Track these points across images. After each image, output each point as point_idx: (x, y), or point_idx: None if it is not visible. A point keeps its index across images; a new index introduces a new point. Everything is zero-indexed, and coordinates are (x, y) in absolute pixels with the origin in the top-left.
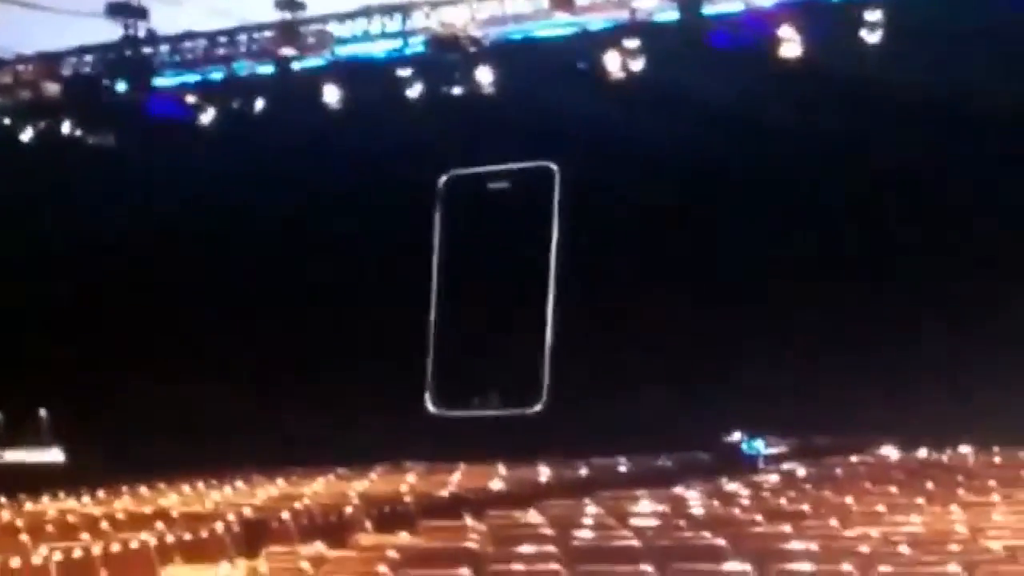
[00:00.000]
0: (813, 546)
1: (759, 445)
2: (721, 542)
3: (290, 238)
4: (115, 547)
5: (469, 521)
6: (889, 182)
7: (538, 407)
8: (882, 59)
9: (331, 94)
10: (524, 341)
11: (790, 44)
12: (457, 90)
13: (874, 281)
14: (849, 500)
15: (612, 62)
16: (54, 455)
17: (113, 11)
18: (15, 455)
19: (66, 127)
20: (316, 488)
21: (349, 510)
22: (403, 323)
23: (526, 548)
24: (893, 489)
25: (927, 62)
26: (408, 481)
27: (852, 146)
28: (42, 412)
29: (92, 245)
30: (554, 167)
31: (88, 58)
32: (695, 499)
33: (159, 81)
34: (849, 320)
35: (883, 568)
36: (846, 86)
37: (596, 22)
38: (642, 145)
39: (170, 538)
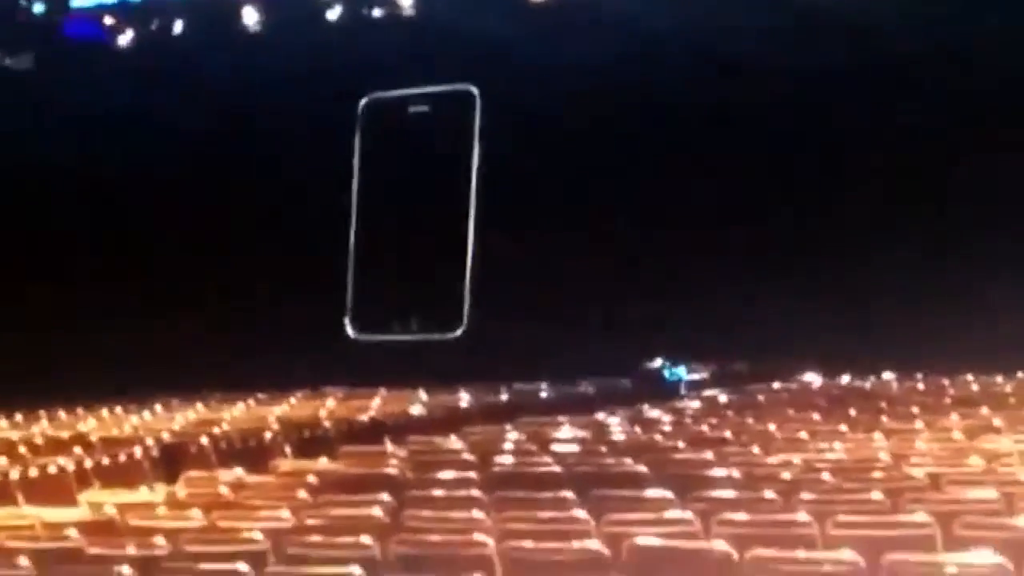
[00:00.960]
0: (735, 473)
1: (681, 371)
2: (643, 469)
3: (209, 162)
4: (33, 472)
5: (389, 447)
6: (802, 106)
7: (459, 332)
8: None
9: (250, 16)
10: (445, 266)
11: None
12: (377, 12)
13: (795, 205)
14: (771, 427)
15: None
16: None
17: None
18: None
19: None
20: (235, 413)
21: (268, 435)
22: (323, 247)
23: (446, 474)
24: (816, 416)
25: None
26: (328, 407)
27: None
28: None
29: (8, 167)
30: (475, 91)
31: None
32: (616, 425)
33: (76, 1)
34: (772, 245)
35: (805, 495)
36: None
37: None
38: (563, 69)
39: (88, 463)
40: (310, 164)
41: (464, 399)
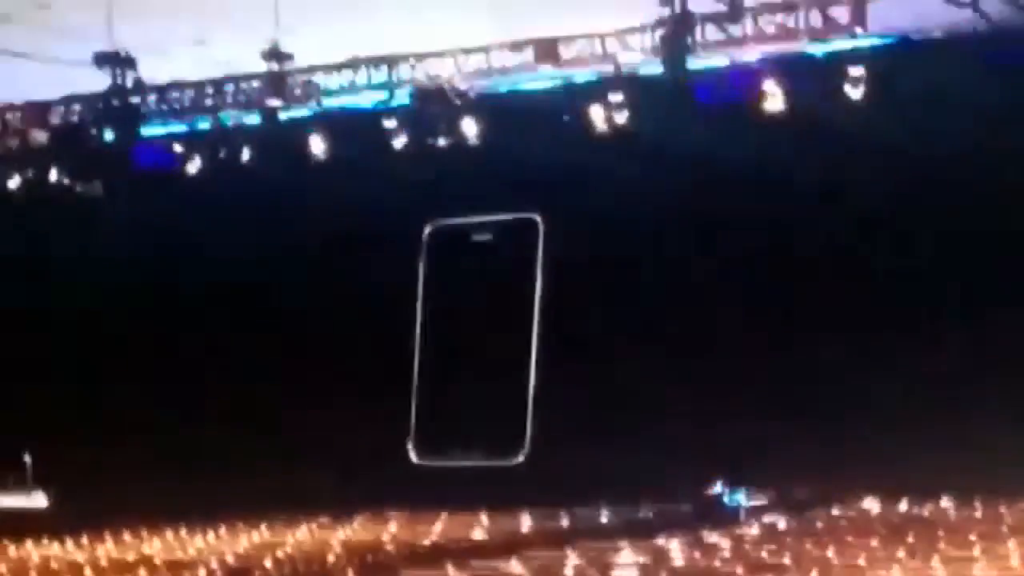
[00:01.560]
0: None
1: (740, 497)
2: None
3: (275, 288)
4: None
5: (451, 571)
6: (869, 232)
7: (520, 458)
8: (864, 114)
9: (317, 144)
10: (507, 392)
11: (774, 98)
12: (442, 141)
13: (851, 332)
14: (830, 553)
15: (597, 115)
16: (38, 500)
17: (101, 61)
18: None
19: (53, 175)
20: (298, 536)
21: (331, 559)
22: (387, 373)
23: None
24: (874, 543)
25: (908, 118)
26: (390, 530)
27: (834, 197)
28: (26, 457)
29: (78, 295)
30: (538, 219)
31: (76, 107)
32: (676, 551)
33: (146, 130)
34: (830, 373)
35: None
36: (829, 140)
37: (581, 75)
38: (626, 198)
39: None
40: (374, 290)
41: (525, 523)
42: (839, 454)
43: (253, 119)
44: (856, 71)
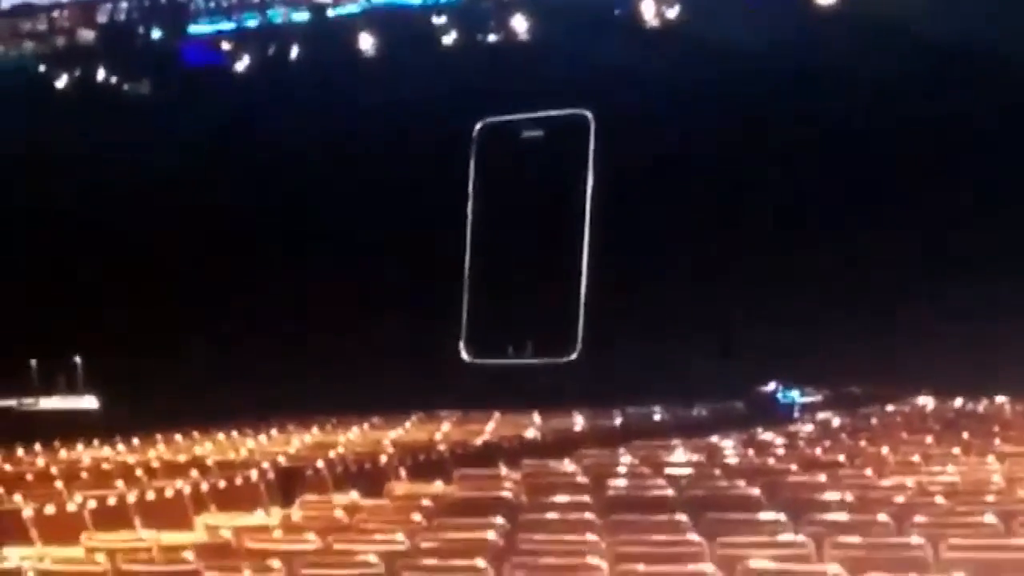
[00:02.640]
0: (848, 496)
1: (795, 395)
2: (756, 492)
3: (325, 185)
4: (150, 495)
5: (503, 470)
6: (924, 130)
7: (573, 356)
8: (919, 5)
9: (365, 41)
10: (559, 290)
11: None
12: (492, 38)
13: (911, 230)
14: (885, 450)
15: (648, 10)
16: (89, 402)
17: None
18: (50, 403)
19: (101, 74)
20: (350, 437)
21: (383, 459)
22: (438, 271)
23: (560, 497)
24: (929, 439)
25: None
26: (442, 430)
27: (887, 93)
28: (77, 359)
29: (127, 193)
30: (589, 115)
31: (123, 5)
32: (730, 448)
33: (194, 28)
34: (886, 269)
35: (919, 518)
36: (882, 33)
37: None
38: (677, 93)
39: (205, 486)
40: (425, 188)
41: (578, 423)
42: (894, 352)
43: (302, 16)
44: None
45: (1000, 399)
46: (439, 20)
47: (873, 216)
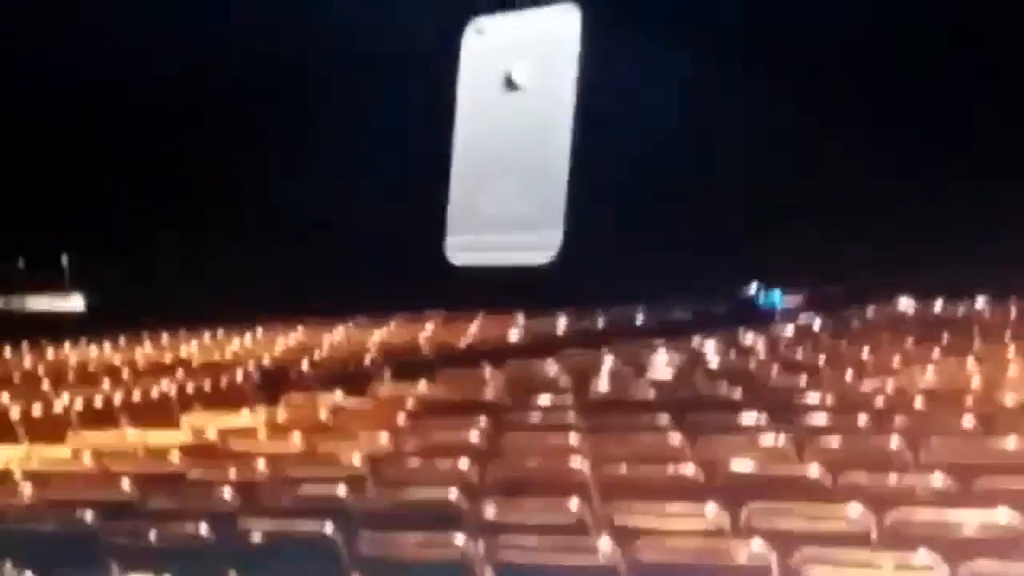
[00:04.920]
0: (829, 398)
1: (775, 296)
2: (737, 394)
3: (303, 88)
4: (136, 395)
5: (487, 371)
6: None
7: (554, 256)
8: None
9: None
10: (540, 189)
11: None
12: None
13: (883, 128)
14: (865, 354)
15: None
16: (75, 302)
17: None
18: (37, 302)
19: None
20: (335, 338)
21: (367, 360)
22: (422, 170)
23: (543, 399)
24: (909, 343)
25: None
26: (426, 331)
27: None
28: (63, 259)
29: (106, 83)
30: (576, 10)
31: None
32: (712, 351)
33: None
34: (865, 171)
35: (898, 420)
36: None
37: None
38: None
39: (190, 386)
40: (410, 88)
41: (561, 325)
42: (873, 254)
43: None
44: None
45: (980, 302)
46: None
47: (853, 115)
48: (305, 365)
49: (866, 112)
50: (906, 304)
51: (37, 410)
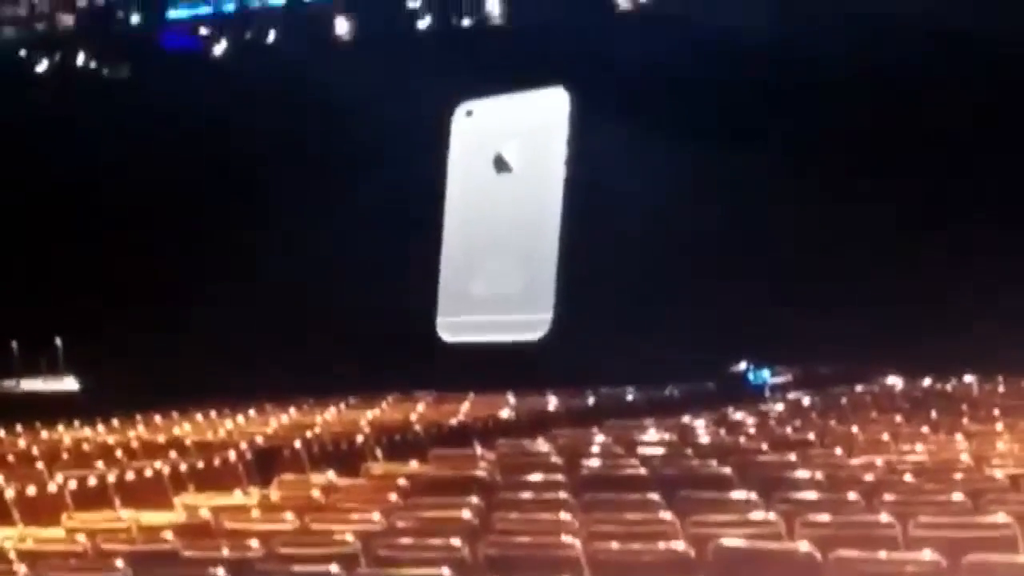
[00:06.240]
0: (819, 475)
1: (765, 374)
2: (728, 471)
3: (301, 168)
4: (129, 475)
5: (478, 450)
6: (892, 114)
7: (545, 336)
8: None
9: (342, 25)
10: (534, 270)
11: None
12: (467, 21)
13: (877, 205)
14: (854, 429)
15: None
16: (69, 384)
17: None
18: (31, 384)
19: (80, 59)
20: (327, 417)
21: (360, 439)
22: (415, 252)
23: (535, 476)
24: (898, 418)
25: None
26: (418, 410)
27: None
28: (57, 341)
29: (104, 177)
30: (565, 94)
31: None
32: (702, 428)
33: (172, 13)
34: (852, 248)
35: (888, 497)
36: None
37: None
38: (651, 75)
39: (183, 466)
40: (403, 170)
41: (552, 403)
42: (863, 332)
43: (278, 1)
44: None
45: (968, 379)
46: (414, 3)
47: (843, 194)
48: (298, 444)
49: (855, 195)
50: (894, 380)
51: (32, 490)
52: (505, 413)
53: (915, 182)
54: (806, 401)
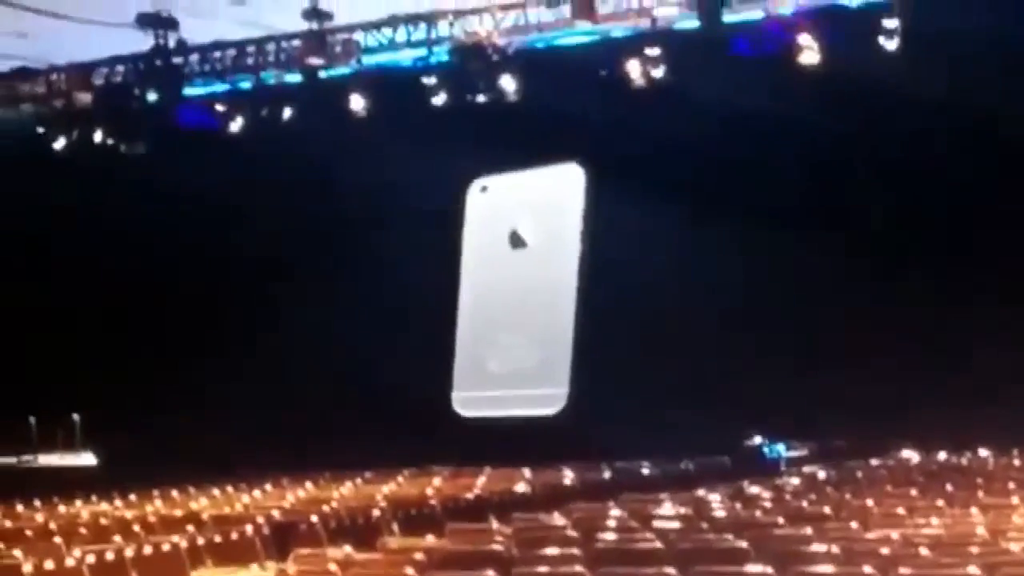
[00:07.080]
0: (835, 548)
1: (780, 448)
2: (743, 544)
3: (318, 246)
4: (147, 549)
5: (495, 524)
6: (913, 193)
7: (561, 411)
8: (899, 66)
9: (357, 102)
10: (547, 345)
11: (809, 51)
12: (481, 98)
13: (892, 282)
14: (870, 503)
15: (634, 69)
16: (86, 459)
17: (144, 22)
18: (49, 459)
19: (98, 136)
20: (344, 491)
21: (376, 513)
22: (429, 328)
23: (551, 550)
24: (913, 492)
25: (943, 69)
26: (434, 485)
27: (869, 149)
28: (75, 417)
29: (123, 253)
30: (580, 169)
31: (120, 68)
32: (717, 502)
33: (189, 90)
34: (867, 324)
35: (904, 570)
36: (864, 92)
37: (618, 30)
38: (664, 151)
39: (201, 541)
40: (417, 244)
41: (567, 477)
42: (878, 406)
43: (294, 78)
44: (890, 23)
45: (983, 452)
46: (429, 80)
47: (857, 270)
48: (315, 518)
49: (872, 273)
50: (910, 454)
51: (50, 564)
52: (521, 487)
53: (932, 260)
54: (822, 475)
